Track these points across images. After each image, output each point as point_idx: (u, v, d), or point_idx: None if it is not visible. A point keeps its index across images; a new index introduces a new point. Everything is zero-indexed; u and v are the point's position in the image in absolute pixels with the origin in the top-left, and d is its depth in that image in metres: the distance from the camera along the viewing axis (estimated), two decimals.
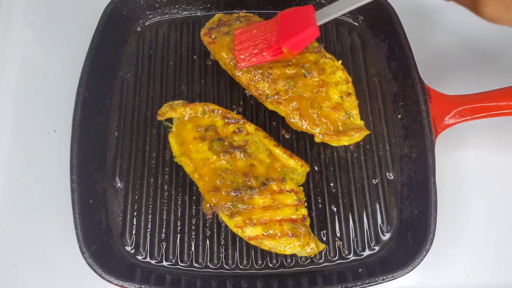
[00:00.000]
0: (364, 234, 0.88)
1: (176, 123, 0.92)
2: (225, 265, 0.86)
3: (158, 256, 0.86)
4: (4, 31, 1.08)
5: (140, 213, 0.89)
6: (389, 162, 0.94)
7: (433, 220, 0.82)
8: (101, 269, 0.78)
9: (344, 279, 0.82)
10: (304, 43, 0.84)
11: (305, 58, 0.94)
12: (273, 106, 0.92)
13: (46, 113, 1.00)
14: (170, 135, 0.90)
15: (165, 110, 0.92)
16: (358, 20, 1.07)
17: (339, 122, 0.91)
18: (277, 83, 0.92)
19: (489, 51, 1.09)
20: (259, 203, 0.82)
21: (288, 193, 0.83)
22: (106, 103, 0.98)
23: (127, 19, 1.04)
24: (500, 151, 0.98)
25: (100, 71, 0.96)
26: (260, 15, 1.02)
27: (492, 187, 0.95)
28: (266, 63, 0.92)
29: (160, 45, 1.05)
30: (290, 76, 0.92)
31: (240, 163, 0.86)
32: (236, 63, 0.89)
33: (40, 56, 1.07)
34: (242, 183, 0.84)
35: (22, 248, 0.90)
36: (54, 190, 0.93)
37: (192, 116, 0.91)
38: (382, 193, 0.92)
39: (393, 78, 1.00)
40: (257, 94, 0.93)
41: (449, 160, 0.96)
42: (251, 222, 0.81)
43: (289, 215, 0.82)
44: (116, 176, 0.92)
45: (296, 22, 0.84)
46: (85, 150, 0.88)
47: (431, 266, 0.88)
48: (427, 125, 0.88)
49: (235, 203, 0.82)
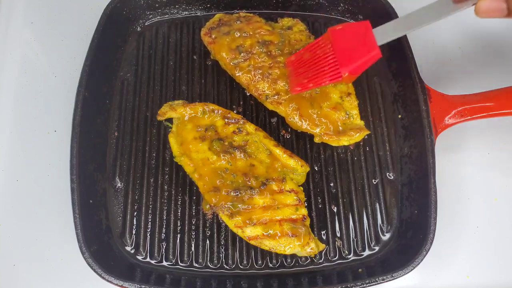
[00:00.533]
0: (364, 234, 0.88)
1: (176, 123, 0.92)
2: (225, 265, 0.86)
3: (158, 256, 0.86)
4: (4, 31, 1.08)
5: (140, 213, 0.89)
6: (389, 162, 0.94)
7: (433, 220, 0.82)
8: (101, 269, 0.78)
9: (344, 279, 0.82)
10: (364, 67, 0.76)
11: None
12: (273, 106, 0.92)
13: (46, 113, 1.00)
14: (170, 135, 0.90)
15: (165, 110, 0.92)
16: (358, 20, 1.07)
17: (339, 122, 0.91)
18: (277, 83, 0.92)
19: (489, 51, 1.09)
20: (259, 203, 0.82)
21: (288, 193, 0.83)
22: (106, 103, 0.98)
23: (127, 19, 1.04)
24: (500, 151, 0.98)
25: (100, 71, 0.96)
26: (260, 15, 1.02)
27: (492, 187, 0.95)
28: (267, 62, 0.93)
29: (160, 45, 1.05)
30: None
31: (240, 163, 0.86)
32: (291, 89, 0.85)
33: (40, 56, 1.07)
34: (242, 183, 0.84)
35: (22, 248, 0.90)
36: (54, 190, 0.93)
37: (192, 116, 0.91)
38: (382, 193, 0.92)
39: (393, 78, 1.00)
40: (257, 94, 0.93)
41: (449, 160, 0.96)
42: (251, 222, 0.81)
43: (289, 215, 0.82)
44: (116, 176, 0.92)
45: (354, 42, 0.75)
46: (85, 150, 0.88)
47: (431, 266, 0.88)
48: (427, 125, 0.88)
49: (235, 203, 0.82)
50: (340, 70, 0.75)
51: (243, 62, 0.94)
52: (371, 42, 0.73)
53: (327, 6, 1.07)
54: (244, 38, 0.95)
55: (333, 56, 0.78)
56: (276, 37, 0.96)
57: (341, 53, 0.77)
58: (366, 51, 0.73)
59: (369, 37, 0.74)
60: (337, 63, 0.77)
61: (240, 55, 0.94)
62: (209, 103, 0.92)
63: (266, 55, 0.94)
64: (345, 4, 1.06)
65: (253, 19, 0.99)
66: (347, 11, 1.07)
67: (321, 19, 1.08)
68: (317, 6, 1.07)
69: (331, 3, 1.07)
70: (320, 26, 1.07)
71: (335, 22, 1.07)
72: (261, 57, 0.93)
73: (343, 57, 0.76)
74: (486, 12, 0.59)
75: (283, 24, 1.00)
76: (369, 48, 0.73)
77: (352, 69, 0.75)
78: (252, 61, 0.94)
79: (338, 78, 0.77)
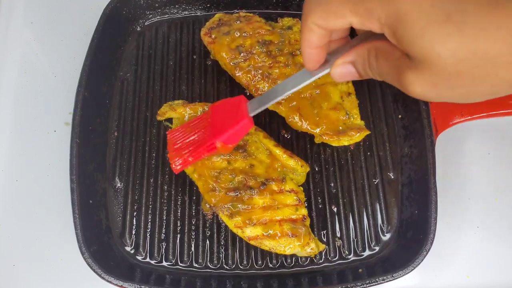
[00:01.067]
0: (364, 234, 0.88)
1: (176, 123, 0.92)
2: (225, 265, 0.86)
3: (158, 256, 0.86)
4: (4, 31, 1.08)
5: (140, 213, 0.89)
6: (389, 162, 0.94)
7: (433, 220, 0.81)
8: (101, 269, 0.78)
9: (344, 279, 0.82)
10: (238, 137, 0.79)
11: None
12: (273, 106, 0.92)
13: (46, 113, 1.00)
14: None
15: (165, 110, 0.92)
16: None
17: (339, 122, 0.91)
18: (277, 83, 0.92)
19: None
20: (258, 203, 0.82)
21: (288, 193, 0.83)
22: (106, 103, 0.98)
23: (127, 19, 1.04)
24: (500, 151, 0.98)
25: (100, 71, 0.96)
26: (260, 15, 1.02)
27: (492, 187, 0.95)
28: (267, 62, 0.92)
29: (160, 45, 1.05)
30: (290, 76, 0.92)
31: (240, 163, 0.86)
32: (171, 165, 0.84)
33: (40, 56, 1.07)
34: (241, 183, 0.84)
35: (22, 248, 0.90)
36: (54, 190, 0.93)
37: (192, 116, 0.91)
38: (382, 193, 0.92)
39: None
40: (257, 94, 0.93)
41: (449, 160, 0.96)
42: (251, 222, 0.81)
43: (289, 215, 0.82)
44: (116, 176, 0.92)
45: (228, 115, 0.80)
46: (85, 150, 0.88)
47: (431, 266, 0.88)
48: (427, 125, 0.88)
49: (234, 203, 0.82)
50: (214, 140, 0.79)
51: (243, 62, 0.94)
52: (243, 113, 0.78)
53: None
54: (244, 38, 0.95)
55: (209, 129, 0.82)
56: (276, 37, 0.96)
57: (216, 125, 0.81)
58: (236, 121, 0.78)
59: (242, 108, 0.78)
60: (212, 135, 0.80)
61: (240, 55, 0.94)
62: (209, 103, 0.92)
63: (266, 55, 0.94)
64: None
65: (253, 19, 0.99)
66: None
67: None
68: None
69: None
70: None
71: None
72: (261, 57, 0.93)
73: (217, 128, 0.80)
74: (340, 77, 0.63)
75: (283, 24, 1.00)
76: (240, 118, 0.78)
77: (226, 138, 0.78)
78: (252, 61, 0.93)
79: (213, 150, 0.80)
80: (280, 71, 0.92)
